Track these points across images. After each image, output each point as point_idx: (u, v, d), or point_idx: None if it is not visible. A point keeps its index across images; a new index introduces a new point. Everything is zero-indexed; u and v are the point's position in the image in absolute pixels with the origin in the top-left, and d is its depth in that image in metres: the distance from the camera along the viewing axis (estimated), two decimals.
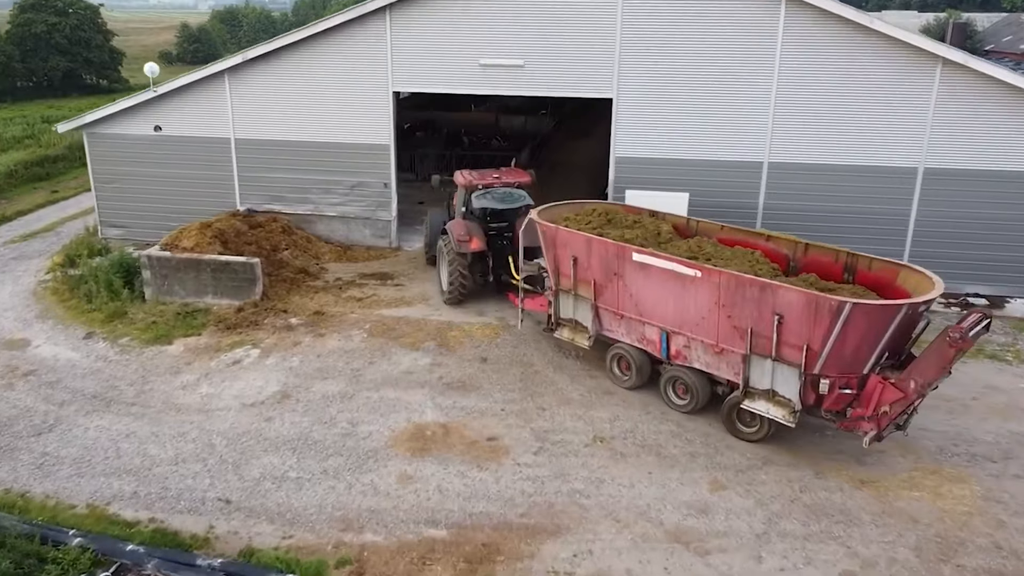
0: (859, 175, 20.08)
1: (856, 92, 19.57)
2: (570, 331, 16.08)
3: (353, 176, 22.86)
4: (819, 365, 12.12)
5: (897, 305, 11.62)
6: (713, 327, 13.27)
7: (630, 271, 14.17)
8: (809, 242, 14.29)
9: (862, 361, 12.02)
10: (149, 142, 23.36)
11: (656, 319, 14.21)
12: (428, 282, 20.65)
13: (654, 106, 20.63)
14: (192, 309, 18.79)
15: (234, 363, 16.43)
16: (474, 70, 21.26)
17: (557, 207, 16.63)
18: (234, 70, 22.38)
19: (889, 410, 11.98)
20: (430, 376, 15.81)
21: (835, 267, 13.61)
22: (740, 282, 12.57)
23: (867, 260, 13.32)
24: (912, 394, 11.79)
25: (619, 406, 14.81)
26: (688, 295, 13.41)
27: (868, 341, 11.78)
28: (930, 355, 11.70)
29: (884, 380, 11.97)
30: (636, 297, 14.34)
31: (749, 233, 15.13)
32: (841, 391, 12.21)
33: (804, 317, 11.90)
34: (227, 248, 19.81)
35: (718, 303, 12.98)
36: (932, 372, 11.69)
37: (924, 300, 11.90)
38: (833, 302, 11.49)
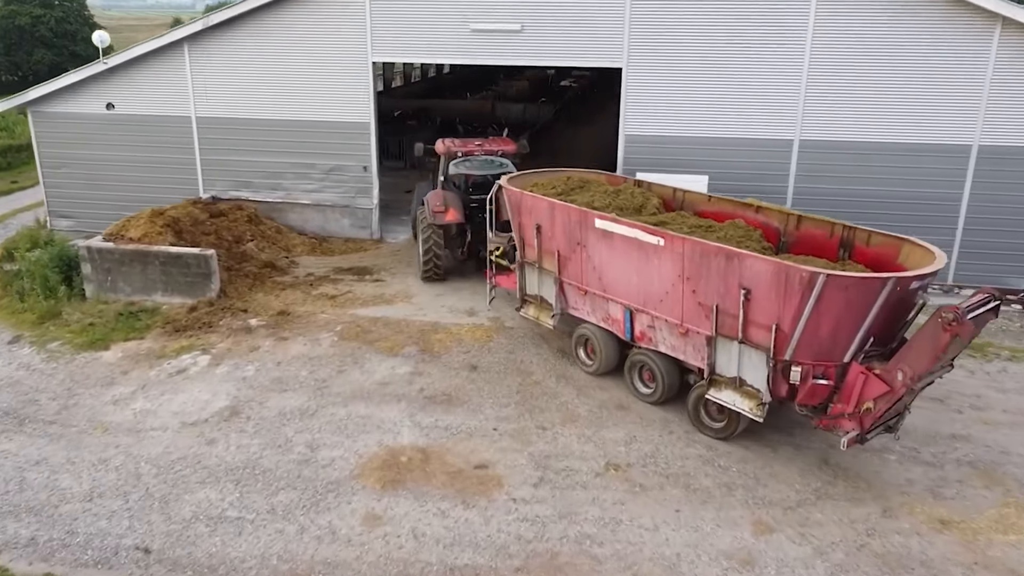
0: (904, 154, 17.60)
1: (901, 59, 17.07)
2: (535, 309, 14.51)
3: (329, 159, 20.34)
4: (790, 350, 10.24)
5: (881, 279, 9.65)
6: (678, 304, 11.54)
7: (593, 240, 12.57)
8: (802, 214, 12.51)
9: (841, 347, 10.09)
10: (100, 122, 20.85)
11: (620, 295, 12.58)
12: (412, 277, 18.13)
13: (669, 77, 18.12)
14: (138, 308, 16.25)
15: (178, 372, 13.89)
16: (464, 37, 18.76)
17: (532, 174, 15.15)
18: (194, 39, 19.86)
19: (873, 407, 9.97)
20: (409, 388, 13.28)
21: (830, 242, 11.84)
22: (704, 251, 10.84)
23: (865, 234, 11.49)
24: (900, 388, 9.75)
25: (635, 424, 12.29)
26: (652, 267, 11.74)
27: (847, 322, 9.87)
28: (921, 341, 9.55)
29: (867, 370, 10.00)
30: (600, 270, 12.73)
31: (738, 204, 13.30)
32: (816, 381, 10.28)
33: (773, 291, 10.11)
34: (181, 239, 17.27)
35: (682, 276, 11.28)
36: (924, 362, 9.55)
37: (915, 275, 9.94)
38: (804, 273, 9.69)
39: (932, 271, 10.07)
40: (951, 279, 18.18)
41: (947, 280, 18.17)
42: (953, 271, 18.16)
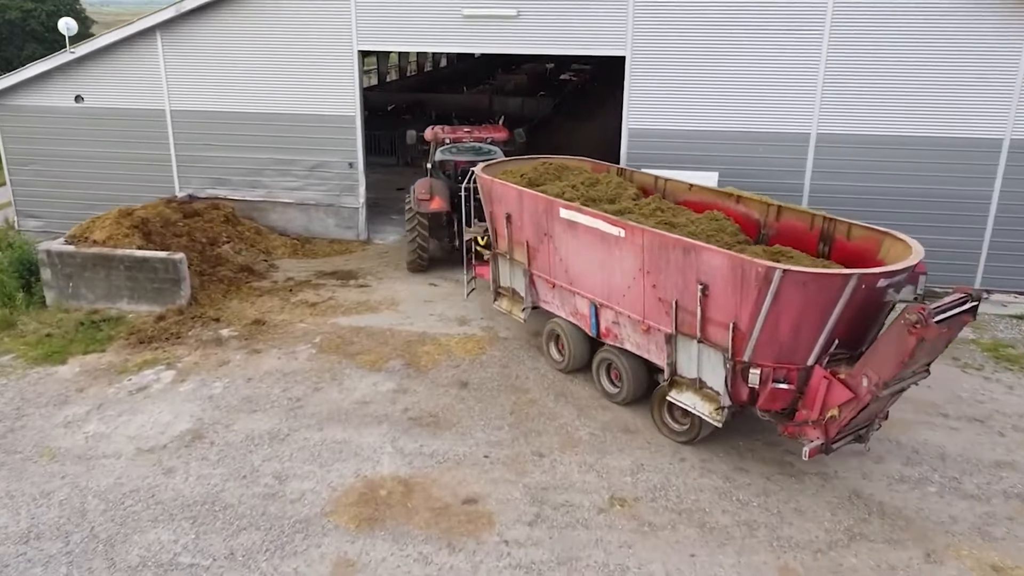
0: (929, 149, 16.34)
1: (926, 46, 15.81)
2: (509, 302, 14.00)
3: (312, 155, 19.07)
4: (748, 351, 9.51)
5: (842, 276, 8.85)
6: (639, 299, 10.92)
7: (559, 231, 11.99)
8: (782, 204, 11.70)
9: (803, 349, 9.32)
10: (69, 115, 19.59)
11: (586, 289, 12.01)
12: (399, 281, 16.86)
13: (676, 66, 16.84)
14: (101, 318, 14.98)
15: (139, 390, 12.62)
16: (456, 23, 17.47)
17: (512, 161, 14.71)
18: (167, 27, 18.57)
19: (838, 414, 9.19)
20: (392, 408, 12.01)
21: (810, 235, 11.08)
22: (664, 243, 10.20)
23: (846, 226, 10.73)
24: (865, 395, 8.93)
25: (643, 450, 11.03)
26: (614, 259, 11.13)
27: (809, 322, 9.10)
28: (886, 344, 8.73)
29: (831, 375, 9.21)
30: (566, 262, 12.18)
31: (719, 194, 12.60)
32: (776, 385, 9.54)
33: (729, 287, 9.42)
34: (149, 241, 15.98)
35: (642, 269, 10.65)
36: (889, 367, 8.70)
37: (883, 272, 9.09)
38: (760, 268, 8.98)
39: (901, 268, 9.21)
40: (979, 282, 16.92)
41: (974, 284, 16.91)
42: (981, 274, 16.91)
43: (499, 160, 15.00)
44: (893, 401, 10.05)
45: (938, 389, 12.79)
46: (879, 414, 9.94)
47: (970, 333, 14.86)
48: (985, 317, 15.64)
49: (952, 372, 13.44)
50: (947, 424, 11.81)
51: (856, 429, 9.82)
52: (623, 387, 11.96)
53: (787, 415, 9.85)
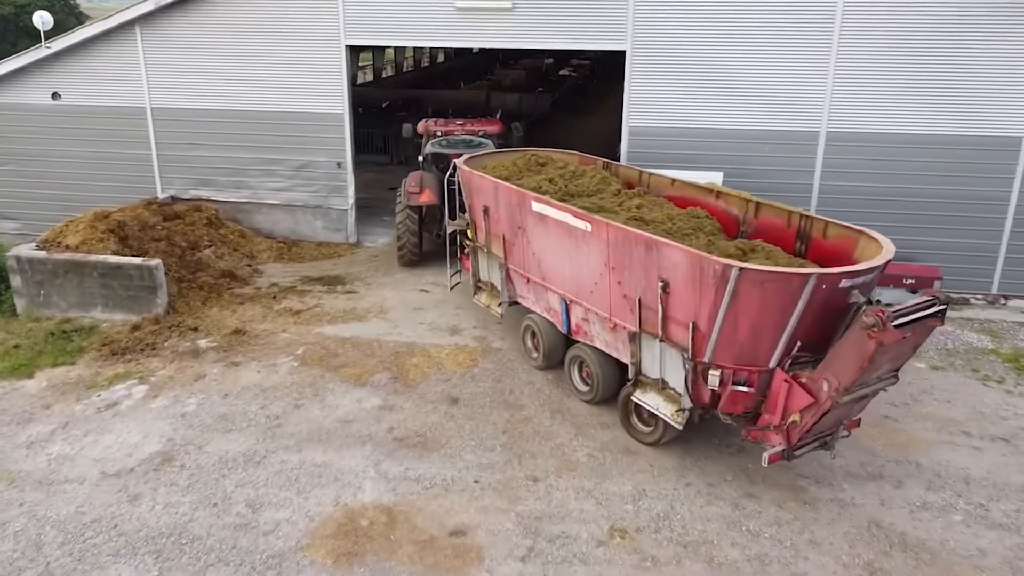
0: (944, 148, 15.60)
1: (942, 40, 15.06)
2: (488, 296, 13.94)
3: (299, 154, 18.29)
4: (708, 351, 9.24)
5: (801, 275, 8.49)
6: (606, 295, 10.70)
7: (532, 224, 11.81)
8: (760, 201, 11.36)
9: (764, 350, 8.98)
10: (46, 113, 18.81)
11: (557, 284, 11.83)
12: (388, 287, 16.09)
13: (678, 61, 16.08)
14: (73, 327, 14.22)
15: (108, 407, 11.85)
16: (449, 16, 16.69)
17: (497, 154, 14.60)
18: (147, 20, 17.77)
19: (800, 419, 8.84)
20: (376, 427, 11.25)
21: (787, 232, 10.74)
22: (627, 238, 9.96)
23: (822, 224, 10.38)
24: (825, 400, 8.58)
25: (645, 473, 10.27)
26: (582, 254, 10.93)
27: (768, 323, 8.77)
28: (846, 348, 8.38)
29: (792, 379, 8.86)
30: (539, 256, 12.02)
31: (700, 189, 12.28)
32: (735, 388, 9.24)
33: (689, 285, 9.16)
34: (126, 246, 15.22)
35: (608, 264, 10.43)
36: (849, 372, 8.33)
37: (844, 272, 8.70)
38: (717, 266, 8.69)
39: (863, 268, 8.81)
40: (996, 288, 16.17)
41: (991, 290, 16.16)
42: (998, 279, 16.14)
43: (485, 152, 14.82)
44: (862, 407, 9.58)
45: (959, 404, 12.05)
46: (844, 420, 9.48)
47: (989, 343, 14.11)
48: (1004, 325, 14.87)
49: (972, 385, 12.68)
50: (970, 443, 11.06)
51: (821, 435, 9.44)
52: (594, 386, 11.66)
53: (750, 419, 9.50)
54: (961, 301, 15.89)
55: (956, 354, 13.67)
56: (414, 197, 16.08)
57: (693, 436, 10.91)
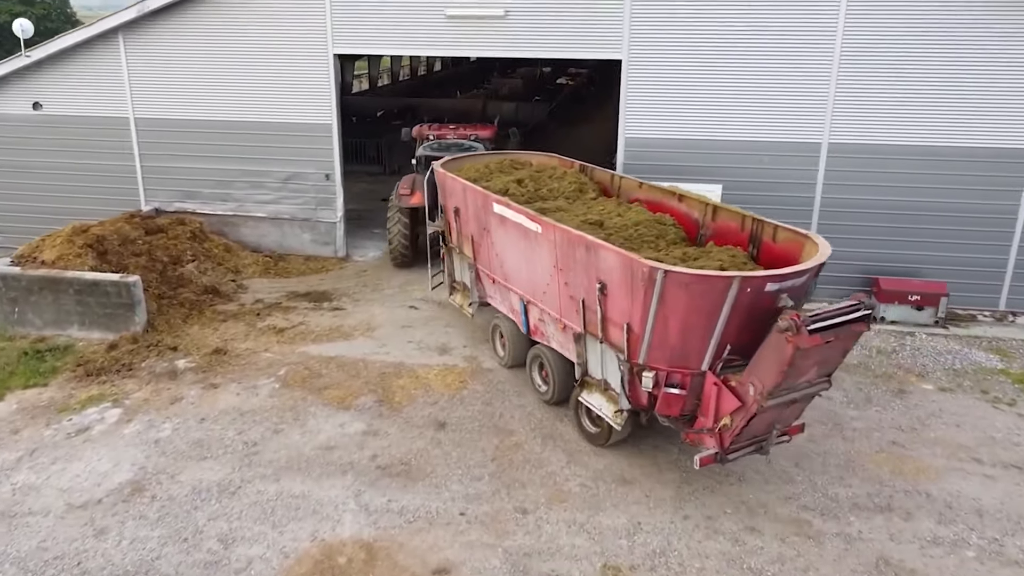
0: (950, 160, 15.14)
1: (948, 49, 14.60)
2: (461, 296, 14.17)
3: (287, 165, 17.82)
4: (642, 353, 9.26)
5: (724, 278, 8.49)
6: (556, 297, 10.82)
7: (494, 225, 11.98)
8: (718, 204, 11.36)
9: (695, 353, 8.99)
10: (27, 124, 18.37)
11: (516, 285, 11.99)
12: (377, 304, 15.58)
13: (677, 70, 15.62)
14: (49, 346, 13.69)
15: (79, 432, 11.32)
16: (440, 25, 16.24)
17: (478, 157, 14.73)
18: (131, 28, 17.32)
19: (730, 423, 8.83)
20: (359, 454, 10.71)
21: (741, 235, 10.70)
22: (570, 240, 10.07)
23: (772, 228, 10.25)
24: (751, 404, 8.55)
25: (640, 505, 9.74)
26: (536, 256, 11.07)
27: (697, 325, 8.79)
28: (768, 352, 8.36)
29: (722, 382, 8.85)
30: (501, 257, 12.20)
31: (664, 192, 12.32)
32: (668, 390, 9.21)
33: (623, 287, 9.26)
34: (104, 261, 14.71)
35: (556, 266, 10.55)
36: (771, 376, 8.31)
37: (769, 276, 8.62)
38: (644, 268, 8.77)
39: (790, 272, 8.74)
40: (1003, 304, 15.68)
41: (999, 306, 15.67)
42: (1006, 295, 15.65)
43: (465, 155, 14.94)
44: (798, 412, 9.47)
45: (968, 429, 11.53)
46: (778, 425, 9.32)
47: (998, 362, 13.60)
48: (1013, 343, 14.37)
49: (982, 408, 12.17)
50: (981, 471, 10.54)
51: (754, 440, 9.34)
52: (551, 386, 11.75)
53: (687, 422, 9.46)
54: (968, 318, 15.39)
55: (964, 374, 13.16)
56: (405, 199, 16.48)
57: (691, 465, 10.38)
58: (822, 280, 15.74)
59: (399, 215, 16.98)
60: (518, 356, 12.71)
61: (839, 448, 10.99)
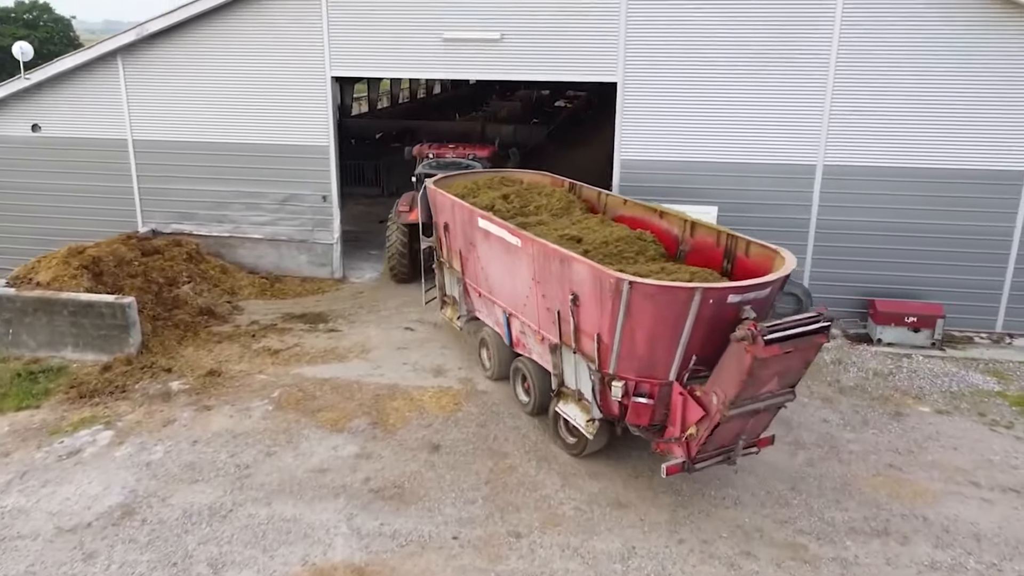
0: (945, 181, 15.21)
1: (940, 71, 14.71)
2: (452, 310, 14.43)
3: (284, 187, 17.85)
4: (612, 362, 9.52)
5: (686, 289, 8.72)
6: (534, 308, 11.15)
7: (480, 239, 12.31)
8: (696, 221, 11.64)
9: (662, 363, 9.22)
10: (26, 145, 18.44)
11: (500, 298, 12.26)
12: (372, 325, 15.55)
13: (672, 93, 15.71)
14: (42, 368, 13.64)
15: (71, 454, 11.24)
16: (437, 48, 16.33)
17: (470, 175, 14.98)
18: (129, 51, 17.44)
19: (696, 432, 8.99)
20: (352, 477, 10.63)
21: (717, 251, 11.06)
22: (547, 253, 10.37)
23: (745, 243, 10.59)
24: (715, 413, 8.75)
25: (635, 529, 9.65)
26: (517, 269, 11.36)
27: (663, 336, 9.03)
28: (728, 361, 8.56)
29: (688, 392, 9.07)
30: (486, 271, 12.50)
31: (647, 209, 12.63)
32: (636, 399, 9.47)
33: (593, 298, 9.55)
34: (100, 282, 14.70)
35: (534, 278, 10.85)
36: (732, 385, 8.50)
37: (730, 288, 8.85)
38: (611, 279, 9.06)
39: (751, 284, 8.99)
40: (1000, 326, 15.67)
41: (995, 328, 15.64)
42: (1003, 316, 15.64)
43: (458, 173, 15.26)
44: (765, 423, 9.59)
45: (965, 451, 11.46)
46: (744, 435, 9.44)
47: (995, 384, 13.54)
48: (1010, 365, 14.32)
49: (979, 430, 12.10)
50: (979, 495, 10.45)
51: (721, 450, 9.47)
52: (532, 397, 11.96)
53: (657, 432, 9.64)
54: (965, 340, 15.35)
55: (961, 397, 13.11)
56: (403, 215, 17.01)
57: (686, 488, 10.34)
58: (819, 302, 15.91)
59: (398, 232, 17.41)
60: (502, 369, 12.91)
61: (836, 471, 10.92)
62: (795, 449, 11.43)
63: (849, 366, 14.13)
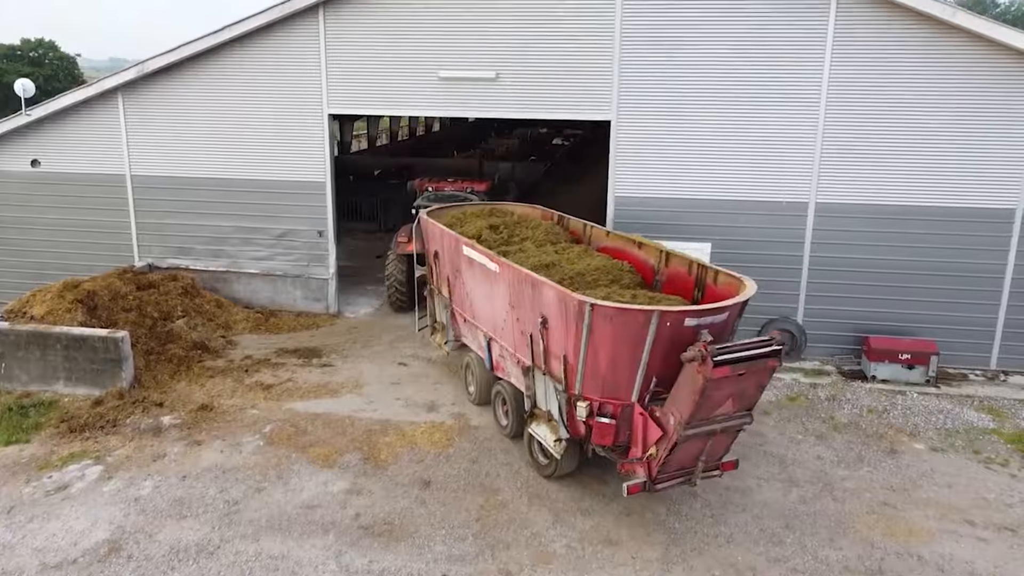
0: (937, 219, 15.28)
1: (931, 111, 14.87)
2: (441, 335, 14.78)
3: (280, 223, 17.96)
4: (578, 383, 9.87)
5: (644, 312, 9.06)
6: (511, 332, 11.53)
7: (464, 266, 12.82)
8: (670, 251, 12.03)
9: (624, 384, 9.53)
10: (25, 180, 18.59)
11: (482, 322, 12.67)
12: (366, 360, 15.53)
13: (665, 132, 15.88)
14: (33, 402, 13.59)
15: (59, 489, 11.15)
16: (432, 86, 16.56)
17: (463, 206, 15.47)
18: (129, 88, 17.67)
19: (656, 452, 9.24)
20: (342, 513, 10.54)
21: (688, 280, 11.47)
22: (520, 278, 10.84)
23: (713, 273, 10.99)
24: (673, 433, 8.98)
25: (627, 567, 9.54)
26: (495, 294, 11.81)
27: (624, 357, 9.36)
28: (682, 382, 8.86)
29: (648, 413, 9.37)
30: (470, 297, 12.95)
31: (627, 240, 13.09)
32: (599, 419, 9.73)
33: (560, 320, 9.94)
34: (94, 316, 14.71)
35: (510, 303, 11.29)
36: (687, 406, 8.74)
37: (687, 311, 9.21)
38: (574, 302, 9.48)
39: (708, 308, 9.38)
40: (994, 363, 15.65)
41: (990, 365, 15.63)
42: (997, 354, 15.63)
43: (449, 205, 15.79)
44: (725, 445, 9.73)
45: (960, 489, 11.38)
46: (704, 457, 9.60)
47: (991, 422, 13.49)
48: (1005, 403, 14.27)
49: (974, 468, 12.03)
50: (974, 534, 10.35)
51: (682, 471, 9.66)
52: (510, 420, 12.26)
53: (623, 452, 9.86)
54: (959, 377, 15.33)
55: (956, 434, 13.05)
56: (402, 246, 17.52)
57: (678, 526, 10.24)
58: (813, 339, 15.94)
59: (396, 262, 17.93)
60: (484, 393, 13.25)
61: (830, 509, 10.83)
62: (789, 486, 11.35)
63: (843, 403, 14.09)
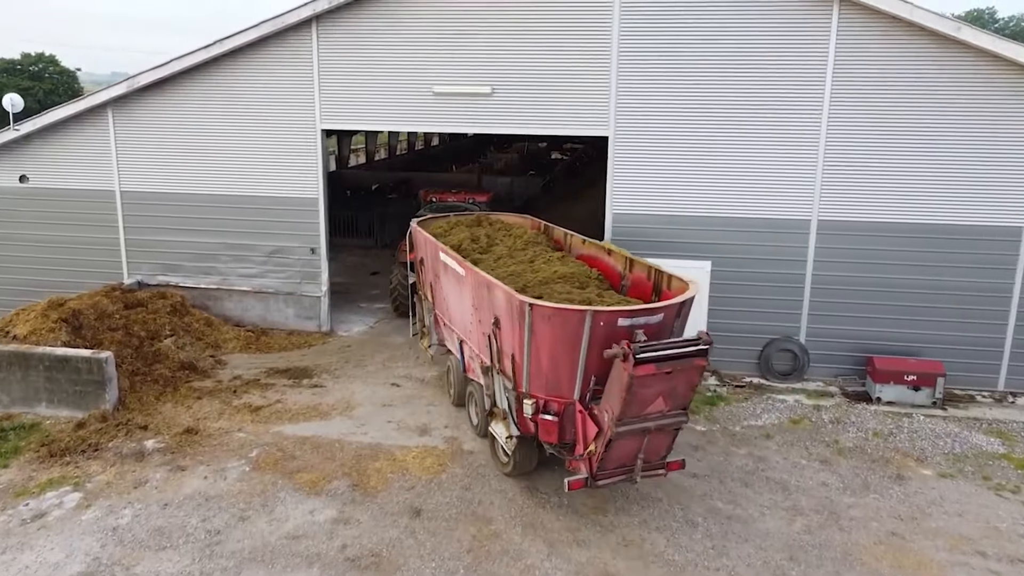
0: (942, 237, 14.95)
1: (936, 127, 14.56)
2: (427, 339, 15.32)
3: (272, 239, 17.62)
4: (524, 381, 10.30)
5: (577, 312, 9.45)
6: (476, 333, 11.95)
7: (442, 272, 13.30)
8: (634, 258, 12.32)
9: (565, 382, 9.91)
10: (12, 196, 18.28)
11: (455, 325, 13.16)
12: (358, 381, 15.15)
13: (664, 148, 15.57)
14: (15, 424, 13.20)
15: (36, 517, 10.74)
16: (427, 101, 16.26)
17: (453, 217, 15.80)
18: (120, 103, 17.39)
19: (595, 448, 9.57)
20: (328, 544, 10.12)
21: (648, 284, 11.73)
22: (479, 281, 11.31)
23: (667, 277, 11.31)
24: (607, 429, 9.29)
25: None
26: (464, 298, 12.29)
27: (563, 356, 9.75)
28: (612, 379, 9.21)
29: (586, 410, 9.77)
30: (447, 301, 13.44)
31: (599, 248, 13.45)
32: (543, 416, 10.15)
33: (508, 320, 10.34)
34: (79, 336, 14.34)
35: (473, 305, 11.78)
36: (617, 402, 9.04)
37: (620, 311, 9.47)
38: (516, 301, 9.89)
39: (640, 309, 9.65)
40: (1003, 384, 15.25)
41: (998, 387, 15.23)
42: (1005, 375, 15.23)
43: (443, 215, 16.13)
44: (665, 443, 9.96)
45: (971, 518, 10.96)
46: (642, 454, 9.80)
47: (1000, 446, 13.08)
48: (1014, 426, 13.87)
49: (985, 495, 11.61)
50: (986, 566, 9.94)
51: (622, 468, 9.87)
52: (479, 420, 12.56)
53: (571, 450, 10.16)
54: (967, 399, 14.94)
55: (965, 459, 12.64)
56: (402, 254, 17.80)
57: (678, 558, 9.82)
58: (816, 359, 15.54)
59: (399, 268, 18.40)
60: (460, 394, 13.71)
61: (835, 539, 10.41)
62: (793, 515, 10.94)
63: (848, 426, 13.69)
